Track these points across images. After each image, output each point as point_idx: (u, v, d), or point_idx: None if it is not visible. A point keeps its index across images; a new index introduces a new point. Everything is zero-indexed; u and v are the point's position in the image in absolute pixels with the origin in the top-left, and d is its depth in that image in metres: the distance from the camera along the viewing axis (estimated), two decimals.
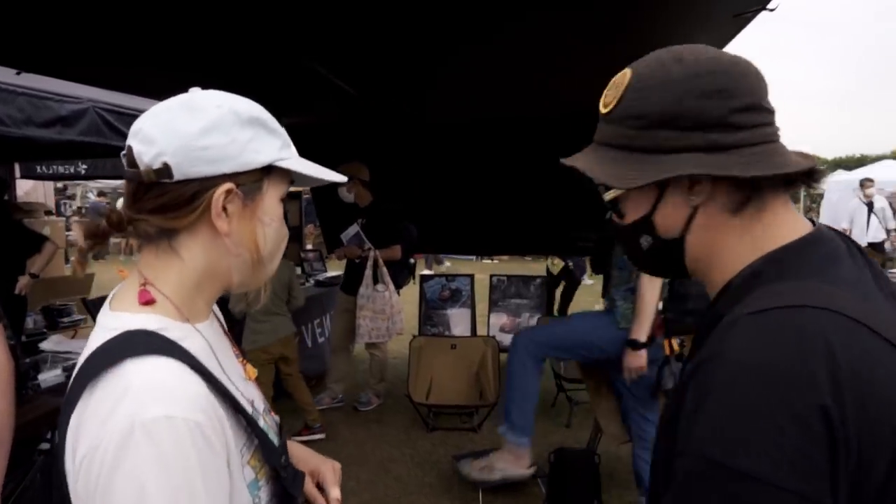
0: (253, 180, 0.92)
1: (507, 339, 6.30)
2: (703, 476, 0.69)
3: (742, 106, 0.81)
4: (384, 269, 4.92)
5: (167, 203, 0.88)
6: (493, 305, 6.50)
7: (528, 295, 6.47)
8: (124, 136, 1.54)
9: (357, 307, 4.91)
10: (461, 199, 5.97)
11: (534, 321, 6.19)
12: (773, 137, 0.84)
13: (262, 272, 0.99)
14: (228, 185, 0.89)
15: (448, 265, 12.50)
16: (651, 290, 3.19)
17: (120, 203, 1.07)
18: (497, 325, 6.44)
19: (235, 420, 0.90)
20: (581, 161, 0.91)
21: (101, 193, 19.43)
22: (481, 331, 6.48)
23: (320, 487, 1.22)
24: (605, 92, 0.91)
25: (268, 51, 3.32)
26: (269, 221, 0.95)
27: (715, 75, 0.82)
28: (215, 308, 1.09)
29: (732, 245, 0.87)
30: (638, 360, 3.23)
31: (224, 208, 0.90)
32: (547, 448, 4.45)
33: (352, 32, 3.10)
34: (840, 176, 16.82)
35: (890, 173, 14.60)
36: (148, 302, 0.89)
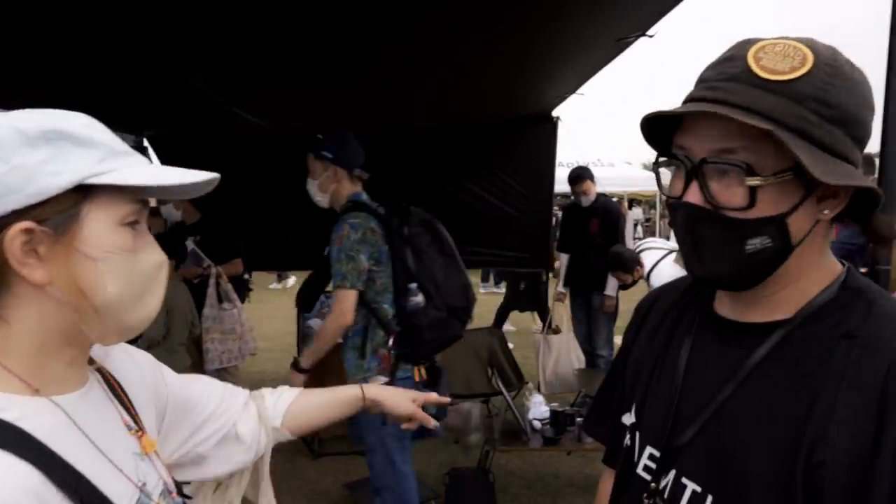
0: (62, 209, 0.72)
1: None
2: None
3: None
4: (229, 286, 4.61)
5: None
6: None
7: None
8: None
9: (203, 330, 4.46)
10: (301, 213, 5.89)
11: None
12: None
13: (120, 318, 0.79)
14: (23, 224, 0.70)
15: (294, 280, 12.00)
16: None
17: None
18: None
19: None
20: (777, 132, 0.74)
21: None
22: None
23: None
24: (757, 54, 0.78)
25: (118, 60, 3.04)
26: (102, 255, 0.75)
27: (870, 91, 0.79)
28: (107, 359, 0.93)
29: (821, 262, 0.85)
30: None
31: (34, 251, 0.72)
32: (438, 466, 4.41)
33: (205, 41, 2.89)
34: None
35: None
36: None
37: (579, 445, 3.89)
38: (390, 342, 2.84)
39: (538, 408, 4.08)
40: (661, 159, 0.89)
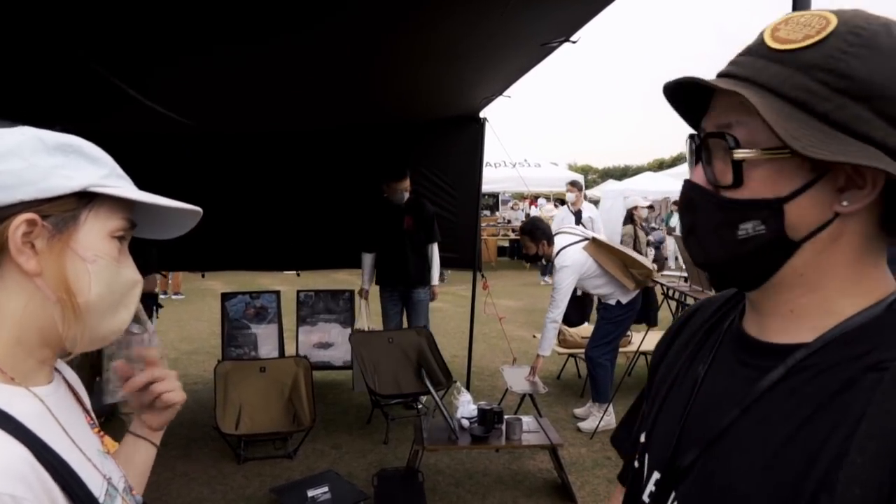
0: (64, 209, 0.80)
1: (320, 355, 6.16)
2: None
3: None
4: (139, 306, 4.34)
5: None
6: (302, 322, 6.28)
7: (337, 309, 6.35)
8: None
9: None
10: (245, 212, 5.83)
11: (345, 335, 6.09)
12: None
13: (96, 323, 0.84)
14: (29, 215, 0.77)
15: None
16: None
17: None
18: (308, 342, 6.23)
19: (73, 499, 0.78)
20: (750, 95, 0.67)
21: None
22: (289, 348, 6.25)
23: None
24: (777, 25, 0.72)
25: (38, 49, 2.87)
26: (92, 258, 0.82)
27: None
28: (67, 372, 0.99)
29: (860, 272, 0.72)
30: None
31: (31, 244, 0.78)
32: (367, 467, 4.40)
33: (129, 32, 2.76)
34: (610, 185, 18.85)
35: (649, 183, 16.57)
36: None
37: (507, 443, 3.96)
38: None
39: (466, 406, 4.13)
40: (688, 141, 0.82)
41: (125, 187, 0.87)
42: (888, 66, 0.66)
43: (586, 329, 5.90)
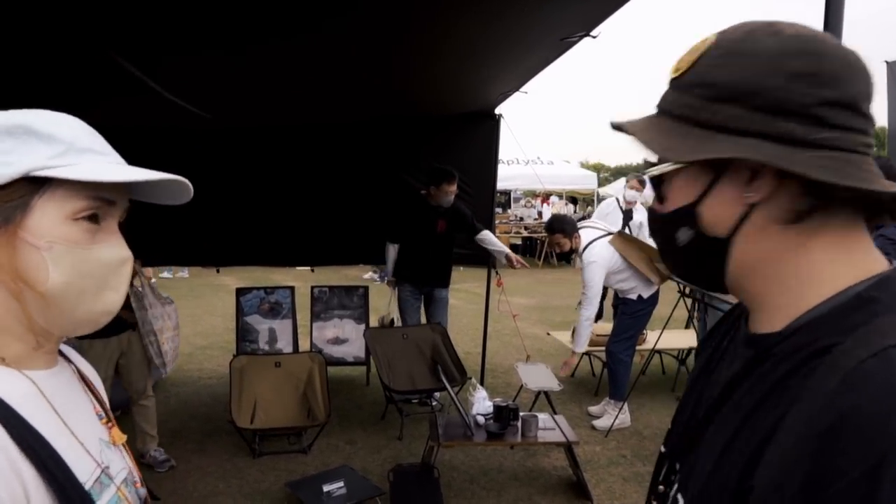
0: (9, 199, 0.76)
1: (334, 351, 6.17)
2: None
3: (835, 100, 0.69)
4: (154, 284, 4.43)
5: None
6: (316, 318, 6.29)
7: (352, 305, 6.36)
8: None
9: (154, 332, 4.20)
10: (259, 208, 5.83)
11: (359, 331, 6.10)
12: (863, 149, 0.71)
13: (69, 309, 0.81)
14: None
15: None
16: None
17: None
18: (322, 337, 6.24)
19: (51, 485, 0.77)
20: (633, 126, 0.78)
21: None
22: (303, 344, 6.27)
23: None
24: (680, 56, 0.79)
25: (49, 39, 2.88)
26: (46, 245, 0.78)
27: (815, 57, 0.70)
28: (81, 363, 1.00)
29: (822, 266, 0.73)
30: None
31: None
32: (381, 463, 4.40)
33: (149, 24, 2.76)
34: (622, 183, 18.70)
35: None
36: None
37: (522, 440, 3.94)
38: None
39: (482, 403, 4.11)
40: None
41: (80, 164, 0.79)
42: (747, 66, 0.72)
43: (602, 327, 5.87)
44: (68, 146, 0.79)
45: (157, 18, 2.58)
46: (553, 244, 5.10)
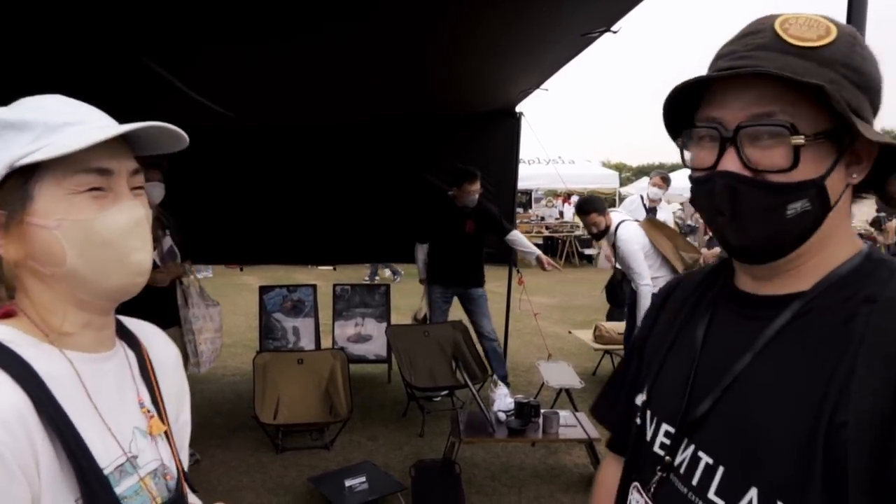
0: (11, 192, 0.81)
1: (354, 349, 6.21)
2: None
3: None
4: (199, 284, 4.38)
5: None
6: (338, 316, 6.34)
7: (373, 303, 6.39)
8: None
9: (193, 332, 4.22)
10: (282, 207, 5.87)
11: (380, 329, 6.13)
12: None
13: (98, 279, 0.85)
14: None
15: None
16: None
17: None
18: (343, 335, 6.29)
19: (68, 463, 0.79)
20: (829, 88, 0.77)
21: None
22: (325, 342, 6.31)
23: None
24: (783, 24, 0.80)
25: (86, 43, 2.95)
26: (55, 224, 0.81)
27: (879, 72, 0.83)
28: (154, 345, 1.03)
29: (847, 231, 0.86)
30: None
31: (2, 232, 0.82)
32: (403, 459, 4.42)
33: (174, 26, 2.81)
34: (644, 183, 18.59)
35: (683, 181, 16.30)
36: (6, 315, 0.85)
37: (544, 436, 3.94)
38: None
39: (503, 399, 4.12)
40: (687, 131, 0.87)
41: (53, 143, 0.80)
42: (876, 65, 0.81)
43: (622, 326, 5.84)
44: (42, 128, 0.81)
45: (185, 17, 2.63)
46: (589, 224, 5.04)
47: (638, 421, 1.01)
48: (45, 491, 0.76)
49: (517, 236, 5.59)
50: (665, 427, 0.94)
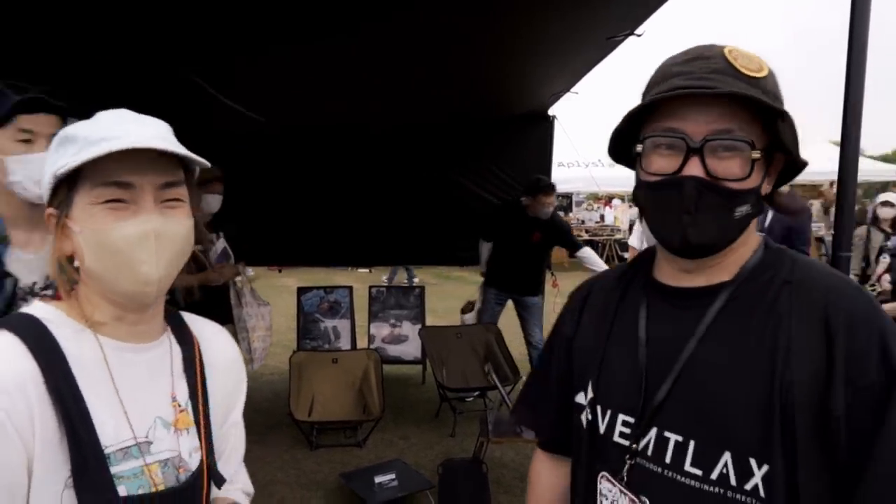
0: (61, 197, 0.93)
1: (389, 350, 6.29)
2: None
3: None
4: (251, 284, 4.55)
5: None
6: (374, 317, 6.44)
7: (408, 305, 6.47)
8: None
9: (247, 329, 4.36)
10: (320, 209, 5.96)
11: (415, 331, 6.19)
12: None
13: (110, 282, 0.93)
14: (49, 210, 0.94)
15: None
16: None
17: None
18: (378, 336, 6.38)
19: (73, 435, 0.85)
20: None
21: None
22: (362, 343, 6.42)
23: None
24: (736, 54, 0.92)
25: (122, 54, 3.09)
26: (80, 230, 0.91)
27: None
28: (210, 344, 1.09)
29: (753, 229, 0.99)
30: None
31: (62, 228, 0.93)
32: (433, 458, 4.47)
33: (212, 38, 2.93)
34: None
35: None
36: (56, 298, 0.97)
37: None
38: None
39: None
40: (650, 139, 0.95)
41: (81, 157, 0.87)
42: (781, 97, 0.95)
43: None
44: (84, 142, 0.89)
45: (220, 20, 2.72)
46: None
47: (587, 417, 1.07)
48: (37, 460, 0.82)
49: (588, 254, 5.57)
50: (623, 417, 1.02)
